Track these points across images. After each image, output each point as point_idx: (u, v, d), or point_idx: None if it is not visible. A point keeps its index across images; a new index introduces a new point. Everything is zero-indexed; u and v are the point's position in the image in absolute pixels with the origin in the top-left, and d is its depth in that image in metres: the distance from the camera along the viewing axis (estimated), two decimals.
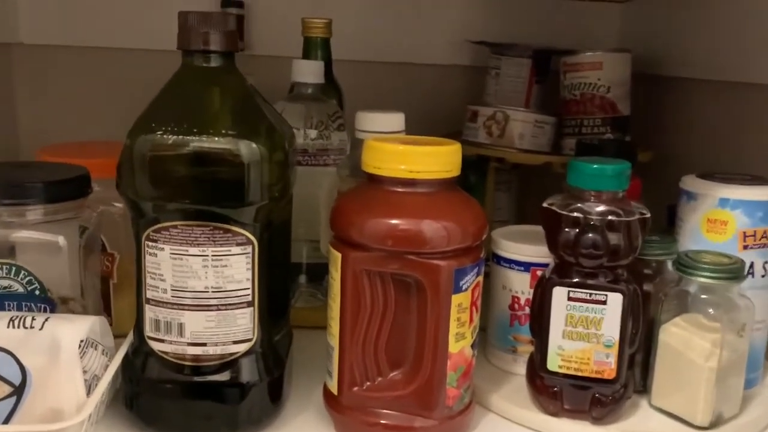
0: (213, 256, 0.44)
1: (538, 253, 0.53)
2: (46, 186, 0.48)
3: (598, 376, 0.48)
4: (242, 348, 0.45)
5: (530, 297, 0.52)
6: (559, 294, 0.48)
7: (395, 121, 0.56)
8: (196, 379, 0.45)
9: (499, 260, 0.55)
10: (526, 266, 0.54)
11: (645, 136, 0.83)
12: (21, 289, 0.48)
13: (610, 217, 0.47)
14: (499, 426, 0.51)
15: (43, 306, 0.48)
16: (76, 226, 0.51)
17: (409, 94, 0.87)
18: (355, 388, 0.47)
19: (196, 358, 0.45)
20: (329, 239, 0.47)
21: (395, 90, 0.89)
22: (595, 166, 0.48)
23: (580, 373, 0.49)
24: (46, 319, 0.43)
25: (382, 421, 0.46)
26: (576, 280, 0.48)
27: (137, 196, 0.43)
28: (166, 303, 0.44)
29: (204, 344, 0.45)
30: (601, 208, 0.47)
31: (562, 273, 0.49)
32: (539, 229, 0.50)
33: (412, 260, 0.44)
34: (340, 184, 0.58)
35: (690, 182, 0.54)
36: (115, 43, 0.85)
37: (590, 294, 0.48)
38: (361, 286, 0.45)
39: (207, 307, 0.44)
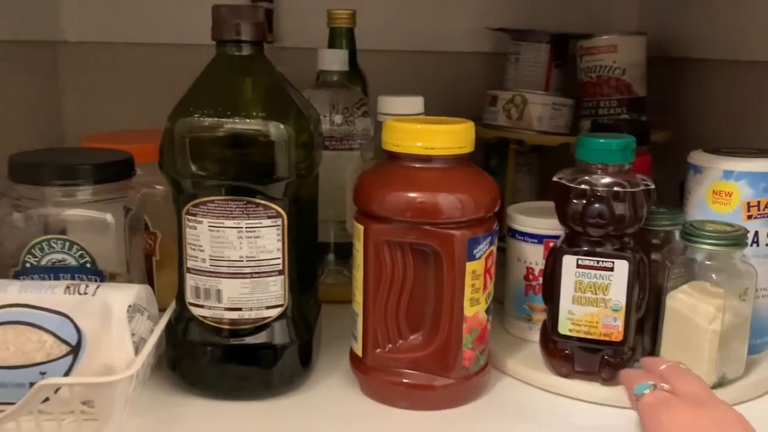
0: (247, 228, 0.48)
1: (550, 225, 0.56)
2: (94, 168, 0.53)
3: (607, 338, 0.51)
4: (274, 313, 0.50)
5: (543, 268, 0.55)
6: (568, 262, 0.51)
7: (414, 103, 0.59)
8: (233, 341, 0.49)
9: (514, 233, 0.59)
10: (539, 238, 0.57)
11: (665, 117, 0.84)
12: (74, 263, 0.53)
13: (615, 189, 0.50)
14: (515, 387, 0.54)
15: (93, 278, 0.53)
16: (122, 207, 0.55)
17: (431, 82, 0.90)
18: (378, 350, 0.50)
19: (232, 322, 0.49)
20: (353, 215, 0.51)
21: (418, 78, 0.92)
22: (601, 140, 0.51)
23: (589, 336, 0.52)
24: (98, 287, 0.48)
25: (404, 381, 0.50)
26: (584, 248, 0.51)
27: (177, 173, 0.48)
28: (205, 271, 0.49)
29: (240, 309, 0.49)
30: (607, 180, 0.50)
31: (571, 242, 0.52)
32: (551, 204, 0.53)
33: (429, 230, 0.48)
34: (364, 166, 0.62)
35: (696, 156, 0.57)
36: (155, 39, 0.89)
37: (598, 261, 0.51)
38: (382, 255, 0.49)
39: (242, 275, 0.48)
